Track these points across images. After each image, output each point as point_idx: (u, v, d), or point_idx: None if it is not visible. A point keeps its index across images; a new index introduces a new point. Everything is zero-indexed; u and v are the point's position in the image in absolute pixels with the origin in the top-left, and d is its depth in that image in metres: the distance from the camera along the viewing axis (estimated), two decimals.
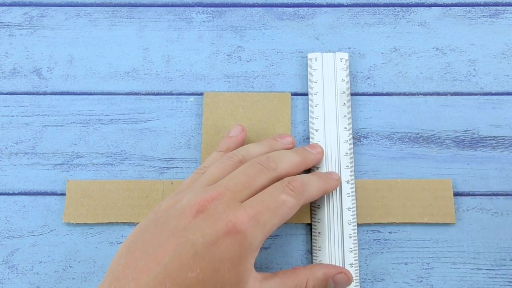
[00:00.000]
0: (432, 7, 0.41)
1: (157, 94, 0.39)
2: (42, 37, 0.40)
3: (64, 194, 0.36)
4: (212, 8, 0.41)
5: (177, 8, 0.41)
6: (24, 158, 0.37)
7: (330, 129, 0.36)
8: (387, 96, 0.39)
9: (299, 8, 0.41)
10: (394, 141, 0.37)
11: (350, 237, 0.34)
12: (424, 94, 0.38)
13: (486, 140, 0.37)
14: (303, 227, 0.35)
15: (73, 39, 0.40)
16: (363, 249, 0.35)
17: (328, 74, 0.38)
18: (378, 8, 0.41)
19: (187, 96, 0.39)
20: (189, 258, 0.26)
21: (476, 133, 0.37)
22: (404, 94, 0.39)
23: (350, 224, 0.34)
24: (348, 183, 0.35)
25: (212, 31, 0.40)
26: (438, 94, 0.39)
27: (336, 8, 0.41)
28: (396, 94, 0.39)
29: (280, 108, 0.38)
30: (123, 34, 0.40)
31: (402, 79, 0.39)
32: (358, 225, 0.35)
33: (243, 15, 0.41)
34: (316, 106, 0.37)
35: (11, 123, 0.38)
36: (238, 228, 0.27)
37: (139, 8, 0.41)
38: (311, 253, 0.35)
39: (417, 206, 0.35)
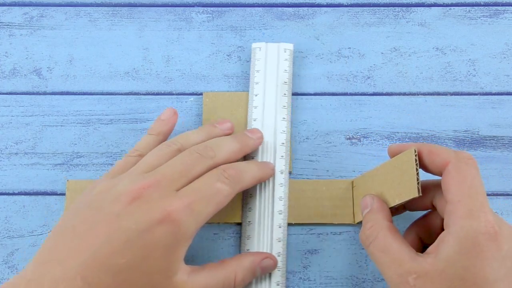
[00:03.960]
0: (432, 7, 0.41)
1: (157, 94, 0.39)
2: (42, 37, 0.40)
3: (64, 194, 0.36)
4: (212, 8, 0.41)
5: (177, 8, 0.41)
6: (24, 158, 0.37)
7: (269, 118, 0.36)
8: (387, 96, 0.39)
9: (299, 8, 0.41)
10: (394, 141, 0.37)
11: (279, 227, 0.34)
12: (424, 94, 0.38)
13: (486, 140, 0.37)
14: (303, 227, 0.35)
15: (73, 39, 0.40)
16: (363, 249, 0.35)
17: (271, 64, 0.38)
18: (378, 8, 0.41)
19: (187, 96, 0.39)
20: (120, 244, 0.26)
21: (476, 133, 0.37)
22: (404, 94, 0.39)
23: (280, 214, 0.34)
24: (282, 173, 0.35)
25: (212, 31, 0.40)
26: (438, 94, 0.39)
27: (336, 8, 0.41)
28: (396, 94, 0.39)
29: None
30: (123, 34, 0.40)
31: (402, 79, 0.39)
32: (358, 224, 0.35)
33: (243, 15, 0.41)
34: (256, 95, 0.37)
35: (11, 123, 0.38)
36: (172, 216, 0.26)
37: (139, 8, 0.41)
38: (240, 242, 0.35)
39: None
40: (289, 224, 0.35)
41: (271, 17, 0.41)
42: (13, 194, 0.36)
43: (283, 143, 0.36)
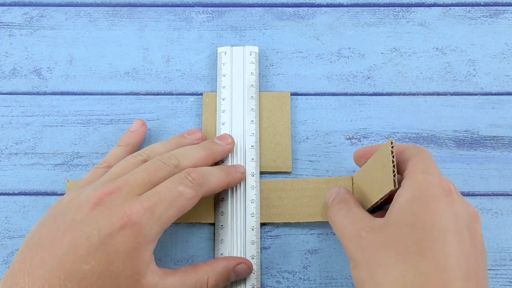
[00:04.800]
0: (432, 7, 0.41)
1: (157, 94, 0.39)
2: (42, 37, 0.40)
3: (64, 194, 0.36)
4: (212, 8, 0.41)
5: (177, 8, 0.41)
6: (24, 158, 0.37)
7: (237, 122, 0.36)
8: (387, 96, 0.39)
9: (299, 8, 0.41)
10: (394, 141, 0.37)
11: (252, 229, 0.34)
12: (424, 94, 0.38)
13: (486, 140, 0.37)
14: (303, 227, 0.35)
15: (73, 39, 0.40)
16: None
17: (237, 68, 0.38)
18: (378, 8, 0.41)
19: (187, 96, 0.39)
20: (84, 250, 0.26)
21: (476, 133, 0.37)
22: (404, 94, 0.39)
23: (253, 216, 0.34)
24: (252, 176, 0.35)
25: (212, 31, 0.40)
26: (438, 94, 0.39)
27: (336, 8, 0.41)
28: (396, 94, 0.39)
29: (280, 108, 0.38)
30: (123, 34, 0.40)
31: (402, 79, 0.39)
32: None
33: (243, 15, 0.41)
34: (223, 99, 0.37)
35: (11, 123, 0.38)
36: (133, 220, 0.27)
37: (139, 8, 0.41)
38: (213, 246, 0.35)
39: None
40: (290, 224, 0.35)
41: (271, 17, 0.41)
42: (13, 194, 0.36)
43: (252, 146, 0.36)
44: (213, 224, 0.35)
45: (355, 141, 0.37)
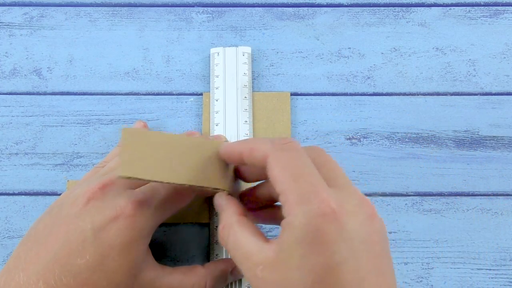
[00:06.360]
0: (432, 7, 0.41)
1: (157, 94, 0.39)
2: (42, 37, 0.40)
3: None
4: (212, 8, 0.41)
5: (177, 8, 0.41)
6: (24, 158, 0.37)
7: (231, 123, 0.36)
8: (387, 96, 0.39)
9: (299, 8, 0.41)
10: (394, 141, 0.37)
11: None
12: (424, 94, 0.38)
13: (486, 140, 0.37)
14: None
15: (73, 39, 0.40)
16: None
17: (230, 68, 0.38)
18: (378, 8, 0.41)
19: (187, 96, 0.39)
20: (78, 244, 0.26)
21: (476, 133, 0.37)
22: (404, 94, 0.39)
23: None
24: None
25: (212, 31, 0.40)
26: (438, 94, 0.39)
27: (336, 8, 0.41)
28: (396, 94, 0.39)
29: (279, 108, 0.38)
30: (123, 34, 0.40)
31: (402, 79, 0.39)
32: None
33: (243, 15, 0.41)
34: (217, 100, 0.37)
35: (11, 123, 0.38)
36: (127, 213, 0.26)
37: (139, 8, 0.41)
38: (208, 247, 0.35)
39: None
40: None
41: (271, 17, 0.41)
42: (13, 194, 0.36)
43: None
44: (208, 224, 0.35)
45: (355, 141, 0.37)
